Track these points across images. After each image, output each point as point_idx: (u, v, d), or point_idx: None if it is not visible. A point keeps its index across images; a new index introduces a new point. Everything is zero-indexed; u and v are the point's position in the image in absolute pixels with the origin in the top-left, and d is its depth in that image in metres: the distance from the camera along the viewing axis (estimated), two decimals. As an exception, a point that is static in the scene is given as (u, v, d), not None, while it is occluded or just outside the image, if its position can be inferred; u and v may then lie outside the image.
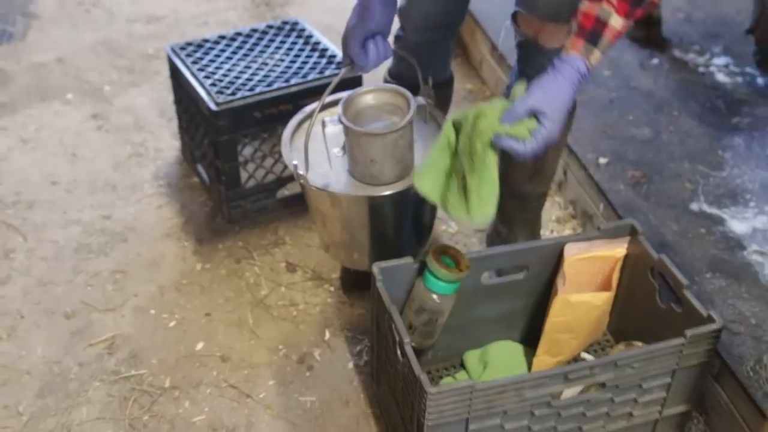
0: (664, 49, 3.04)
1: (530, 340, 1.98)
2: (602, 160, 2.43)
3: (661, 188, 2.33)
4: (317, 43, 2.55)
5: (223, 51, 2.54)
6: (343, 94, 1.87)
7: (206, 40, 2.59)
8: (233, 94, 2.31)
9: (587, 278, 1.90)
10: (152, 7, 3.73)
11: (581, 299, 1.82)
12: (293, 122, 1.99)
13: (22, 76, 3.20)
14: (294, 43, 2.58)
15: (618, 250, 1.90)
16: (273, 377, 2.01)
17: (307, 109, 2.03)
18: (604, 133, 2.56)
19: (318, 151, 1.90)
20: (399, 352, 1.63)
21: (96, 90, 3.12)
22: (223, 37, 2.62)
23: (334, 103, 1.94)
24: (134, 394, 1.96)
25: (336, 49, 2.48)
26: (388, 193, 1.81)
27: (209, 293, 2.23)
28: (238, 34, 2.64)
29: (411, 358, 1.57)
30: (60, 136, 2.85)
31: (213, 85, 2.35)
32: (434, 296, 1.76)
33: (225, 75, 2.41)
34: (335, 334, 2.14)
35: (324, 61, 2.46)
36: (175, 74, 2.54)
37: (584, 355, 1.98)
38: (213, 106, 2.27)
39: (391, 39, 1.89)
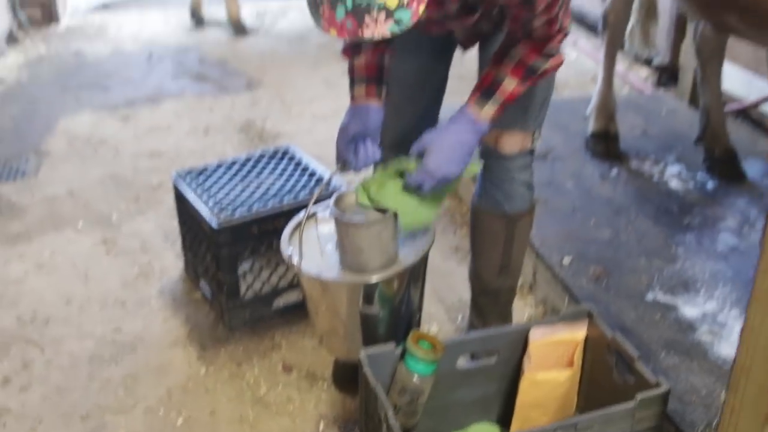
0: (623, 161, 3.35)
1: (507, 422, 2.17)
2: (566, 260, 2.69)
3: (620, 281, 2.58)
4: (307, 167, 2.84)
5: (222, 176, 2.83)
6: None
7: (207, 167, 2.89)
8: (233, 213, 2.59)
9: (552, 360, 2.12)
10: (155, 143, 4.06)
11: (546, 377, 2.04)
12: (292, 224, 2.24)
13: (35, 208, 3.48)
14: (286, 167, 2.87)
15: (578, 333, 2.12)
16: (273, 465, 2.19)
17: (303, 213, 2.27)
18: (568, 237, 2.83)
19: (312, 248, 2.16)
20: (385, 426, 1.84)
21: (105, 218, 3.40)
22: (222, 164, 2.91)
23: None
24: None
25: (324, 172, 2.77)
26: (374, 280, 2.06)
27: (213, 393, 2.44)
28: (235, 161, 2.93)
29: (395, 429, 1.77)
30: (72, 260, 3.11)
31: (214, 205, 2.63)
32: (414, 377, 1.97)
33: (225, 196, 2.69)
34: (329, 425, 2.33)
35: (314, 182, 2.75)
36: (180, 197, 2.82)
37: None
38: (215, 224, 2.53)
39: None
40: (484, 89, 1.93)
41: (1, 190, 3.62)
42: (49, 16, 6.02)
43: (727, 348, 2.27)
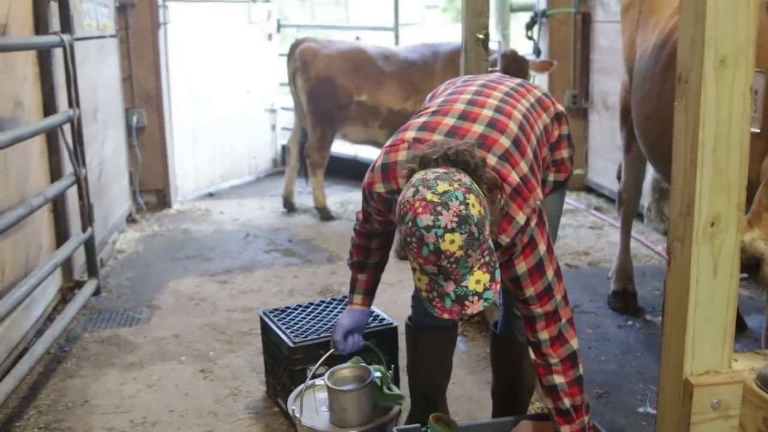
0: (639, 315, 3.94)
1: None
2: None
3: (618, 399, 3.13)
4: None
5: (299, 314, 3.55)
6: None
7: (288, 307, 3.62)
8: (305, 336, 3.27)
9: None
10: (247, 301, 4.83)
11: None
12: (296, 391, 3.04)
13: (147, 346, 4.23)
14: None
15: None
16: None
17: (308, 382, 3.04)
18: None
19: (310, 408, 2.98)
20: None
21: (203, 355, 4.11)
22: (299, 306, 3.63)
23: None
24: None
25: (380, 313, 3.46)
26: None
27: (282, 478, 3.03)
28: (311, 303, 3.66)
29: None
30: (176, 383, 3.80)
31: (291, 332, 3.32)
32: (436, 449, 2.57)
33: (299, 327, 3.39)
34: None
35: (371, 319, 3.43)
36: (264, 329, 3.53)
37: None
38: (291, 344, 3.22)
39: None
40: (564, 414, 2.44)
41: (120, 333, 4.40)
42: (163, 202, 7.05)
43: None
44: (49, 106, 4.42)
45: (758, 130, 2.05)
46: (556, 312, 2.38)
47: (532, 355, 2.45)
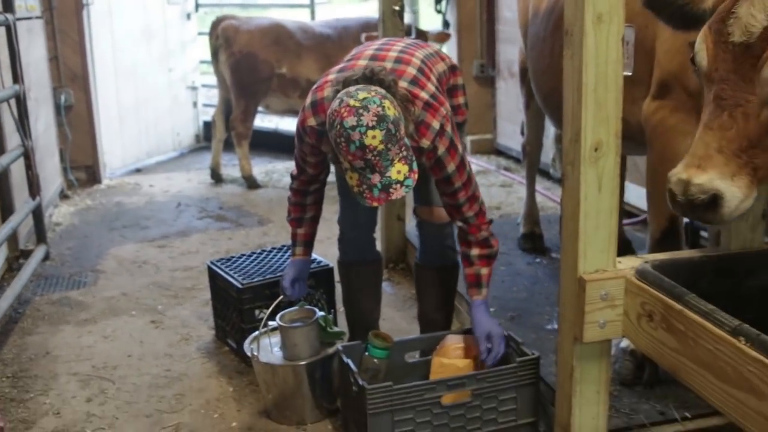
0: (545, 254, 4.43)
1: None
2: (492, 309, 3.71)
3: (528, 320, 3.60)
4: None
5: (244, 261, 3.92)
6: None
7: (233, 256, 3.99)
8: (252, 278, 3.65)
9: (457, 355, 3.09)
10: (186, 262, 5.17)
11: (450, 362, 3.02)
12: (251, 336, 3.40)
13: (97, 304, 4.54)
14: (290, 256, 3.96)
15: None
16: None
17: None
18: (494, 297, 3.86)
19: (266, 352, 3.31)
20: (353, 381, 2.83)
21: (152, 308, 4.45)
22: (243, 255, 4.01)
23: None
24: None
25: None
26: (302, 363, 3.18)
27: (239, 401, 3.41)
28: (254, 252, 4.05)
29: (356, 375, 2.77)
30: (130, 333, 4.14)
31: (239, 275, 3.70)
32: (374, 360, 2.98)
33: (246, 271, 3.76)
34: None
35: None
36: (213, 276, 3.90)
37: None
38: (239, 285, 3.60)
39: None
40: (475, 284, 3.06)
41: (70, 295, 4.69)
42: (93, 178, 7.28)
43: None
44: (-12, 84, 4.66)
45: (630, 73, 2.49)
46: (474, 194, 2.98)
47: (460, 238, 3.04)
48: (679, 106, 2.82)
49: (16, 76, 4.45)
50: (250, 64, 6.83)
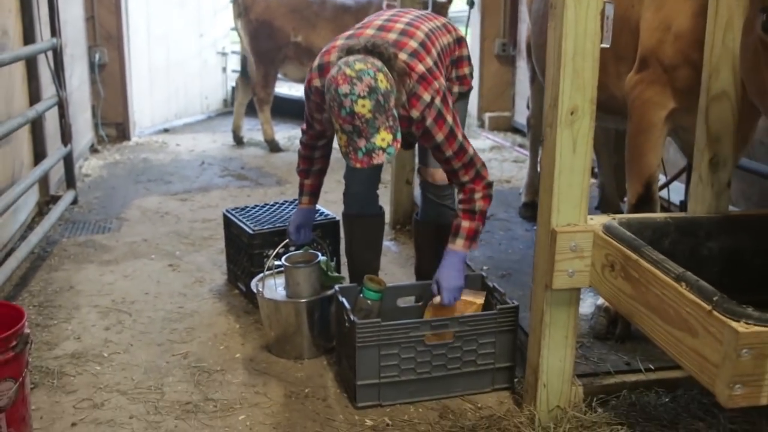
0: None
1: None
2: (485, 268, 3.96)
3: (518, 279, 3.85)
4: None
5: (258, 212, 4.21)
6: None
7: (247, 206, 4.27)
8: (263, 226, 3.93)
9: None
10: (205, 214, 5.46)
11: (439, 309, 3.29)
12: (258, 276, 3.65)
13: (120, 248, 4.84)
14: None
15: (479, 297, 3.35)
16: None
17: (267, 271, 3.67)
18: (490, 257, 4.11)
19: (271, 288, 3.57)
20: (346, 318, 3.10)
21: (170, 254, 4.74)
22: (257, 206, 4.29)
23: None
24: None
25: (319, 208, 4.13)
26: (303, 301, 3.43)
27: (245, 336, 3.69)
28: (267, 204, 4.33)
29: (350, 313, 3.04)
30: (148, 274, 4.44)
31: (251, 223, 3.98)
32: (368, 301, 3.25)
33: (257, 219, 4.04)
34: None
35: (317, 215, 4.09)
36: (227, 223, 4.18)
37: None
38: (251, 231, 3.88)
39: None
40: (453, 233, 3.26)
41: (95, 238, 5.00)
42: (123, 135, 7.60)
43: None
44: (28, 36, 4.94)
45: (607, 45, 2.71)
46: (471, 162, 3.16)
47: (459, 195, 3.24)
48: (655, 80, 3.05)
49: (54, 30, 4.74)
50: (267, 32, 7.08)
